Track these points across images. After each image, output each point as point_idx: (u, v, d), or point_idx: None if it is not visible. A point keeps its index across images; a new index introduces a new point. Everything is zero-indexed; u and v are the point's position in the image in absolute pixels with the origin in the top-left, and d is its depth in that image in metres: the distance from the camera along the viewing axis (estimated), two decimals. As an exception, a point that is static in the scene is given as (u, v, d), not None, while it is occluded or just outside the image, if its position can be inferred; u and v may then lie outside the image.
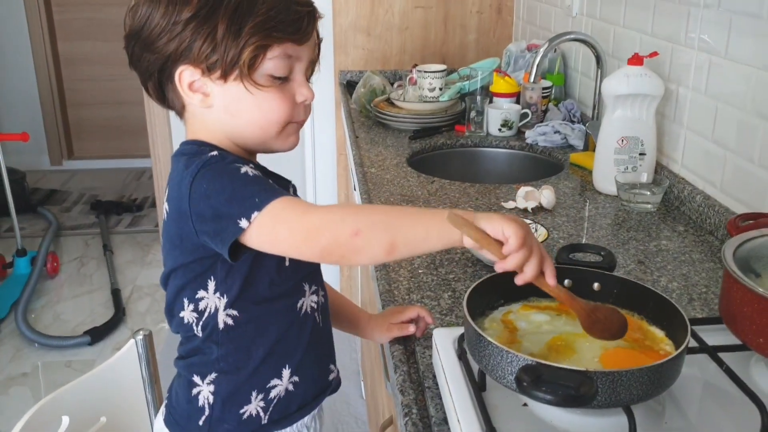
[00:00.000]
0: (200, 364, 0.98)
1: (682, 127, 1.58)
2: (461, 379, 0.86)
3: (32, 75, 4.94)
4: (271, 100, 0.91)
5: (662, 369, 0.74)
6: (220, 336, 0.95)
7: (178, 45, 0.88)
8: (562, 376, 0.70)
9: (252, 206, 0.82)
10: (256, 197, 0.82)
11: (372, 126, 2.27)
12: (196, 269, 0.92)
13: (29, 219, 4.25)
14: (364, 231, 0.79)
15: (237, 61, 0.87)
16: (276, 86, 0.91)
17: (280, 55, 0.89)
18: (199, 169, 0.86)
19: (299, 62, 0.93)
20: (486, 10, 2.78)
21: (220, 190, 0.84)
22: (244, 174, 0.86)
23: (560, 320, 0.91)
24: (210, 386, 0.97)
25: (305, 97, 0.94)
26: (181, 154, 0.93)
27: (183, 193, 0.87)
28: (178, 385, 1.02)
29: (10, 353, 2.95)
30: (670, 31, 1.61)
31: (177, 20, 0.87)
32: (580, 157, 1.87)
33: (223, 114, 0.92)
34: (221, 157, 0.88)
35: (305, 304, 1.00)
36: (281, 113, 0.92)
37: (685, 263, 1.30)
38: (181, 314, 0.96)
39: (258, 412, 0.99)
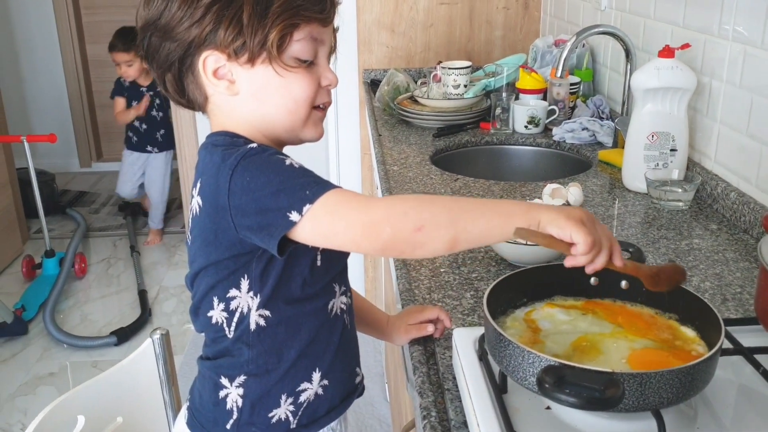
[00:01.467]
0: (229, 366, 0.95)
1: (715, 122, 1.53)
2: (481, 381, 0.83)
3: (61, 77, 5.00)
4: (299, 81, 0.89)
5: (694, 371, 0.69)
6: (251, 337, 0.92)
7: (201, 30, 0.85)
8: (587, 378, 0.66)
9: (303, 198, 0.79)
10: (307, 189, 0.79)
11: (395, 124, 2.24)
12: (230, 266, 0.88)
13: (58, 220, 4.30)
14: (427, 226, 0.76)
15: (264, 43, 0.85)
16: (303, 68, 0.89)
17: (306, 37, 0.88)
18: (239, 160, 0.82)
19: (323, 45, 0.91)
20: (512, 5, 2.73)
21: (266, 182, 0.80)
22: (290, 165, 0.82)
23: (586, 320, 0.87)
24: (239, 389, 0.94)
25: (330, 81, 0.93)
26: (213, 146, 0.88)
27: (221, 187, 0.82)
28: (202, 387, 0.99)
29: (38, 353, 2.97)
30: (702, 23, 1.55)
31: (198, 5, 0.84)
32: (608, 155, 1.81)
33: (250, 101, 0.89)
34: (262, 149, 0.85)
35: (335, 305, 0.97)
36: (309, 93, 0.90)
37: (719, 262, 1.25)
38: (210, 314, 0.93)
39: (287, 416, 0.96)
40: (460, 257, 1.28)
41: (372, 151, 2.19)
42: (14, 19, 4.87)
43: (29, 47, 4.93)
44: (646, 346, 0.80)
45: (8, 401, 2.67)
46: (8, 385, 2.76)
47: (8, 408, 2.63)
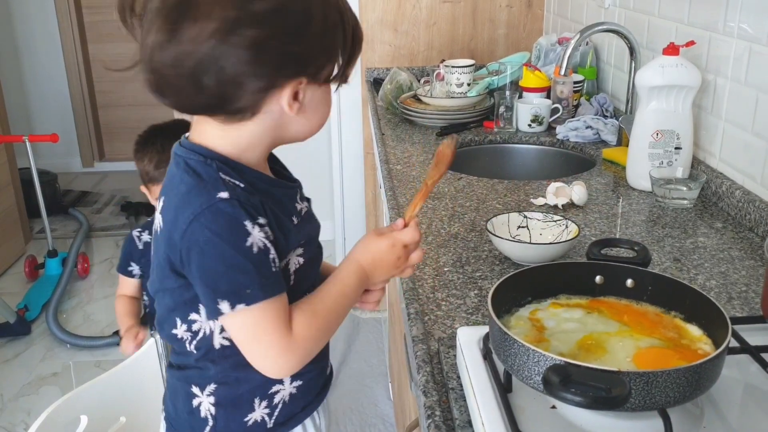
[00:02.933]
0: (197, 376, 0.94)
1: (720, 120, 1.52)
2: (486, 380, 0.82)
3: (63, 77, 5.00)
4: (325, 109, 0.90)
5: (701, 370, 0.69)
6: (216, 354, 0.90)
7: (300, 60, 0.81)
8: (593, 377, 0.66)
9: (237, 297, 0.79)
10: (248, 287, 0.79)
11: (398, 123, 2.24)
12: (184, 294, 0.86)
13: (60, 220, 4.29)
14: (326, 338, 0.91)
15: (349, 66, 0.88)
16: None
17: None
18: (202, 211, 0.78)
19: None
20: (516, 3, 2.73)
21: (217, 256, 0.78)
22: (248, 249, 0.78)
23: (591, 318, 0.86)
24: (210, 397, 0.94)
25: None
26: (185, 167, 0.83)
27: (179, 224, 0.80)
28: (175, 397, 0.98)
29: (41, 353, 2.97)
30: (707, 20, 1.54)
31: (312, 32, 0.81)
32: (613, 153, 1.81)
33: (302, 117, 0.85)
34: (231, 203, 0.79)
35: None
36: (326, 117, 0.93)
37: (724, 261, 1.24)
38: (173, 331, 0.91)
39: (263, 417, 0.96)
40: (464, 256, 1.27)
41: (375, 150, 2.18)
42: (16, 18, 4.87)
43: (31, 47, 4.93)
44: (651, 344, 0.79)
45: (12, 401, 2.67)
46: (11, 386, 2.76)
47: (11, 408, 2.63)
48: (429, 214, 1.47)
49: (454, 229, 1.39)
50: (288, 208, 0.89)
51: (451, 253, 1.28)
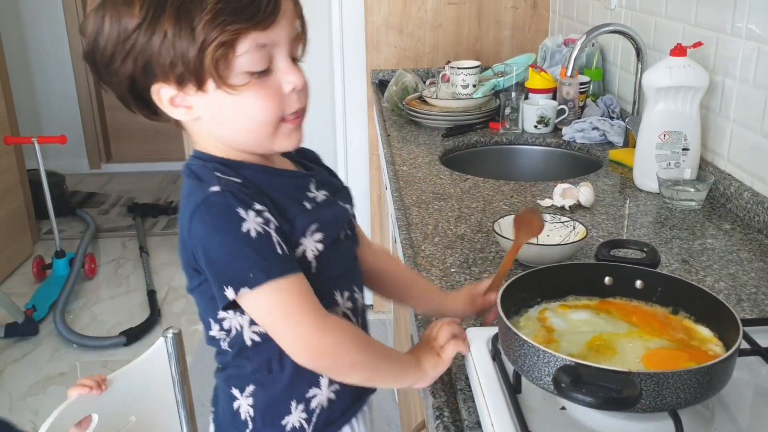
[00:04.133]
0: (237, 376, 0.94)
1: (728, 121, 1.52)
2: (495, 381, 0.82)
3: (71, 79, 5.02)
4: (253, 99, 0.82)
5: (712, 371, 0.69)
6: (250, 352, 0.91)
7: (135, 63, 0.80)
8: (604, 378, 0.66)
9: (243, 280, 0.79)
10: (251, 271, 0.79)
11: (404, 124, 2.24)
12: (208, 292, 0.86)
13: (68, 221, 4.31)
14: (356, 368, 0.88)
15: (202, 67, 0.78)
16: (257, 82, 0.81)
17: (250, 48, 0.79)
18: (197, 207, 0.80)
19: (278, 47, 0.82)
20: (521, 5, 2.73)
21: (218, 244, 0.79)
22: (245, 235, 0.79)
23: (600, 319, 0.86)
24: (248, 399, 0.94)
25: (293, 84, 0.84)
26: (189, 170, 0.86)
27: (185, 225, 0.82)
28: (222, 399, 0.99)
29: (48, 353, 2.98)
30: (715, 21, 1.54)
31: (124, 35, 0.78)
32: (619, 154, 1.81)
33: (212, 124, 0.85)
34: (222, 195, 0.80)
35: (338, 312, 0.94)
36: (267, 112, 0.83)
37: (733, 263, 1.24)
38: (210, 333, 0.93)
39: (301, 423, 0.94)
40: (471, 257, 1.27)
41: (381, 151, 2.18)
42: (24, 21, 4.89)
43: (39, 49, 4.95)
44: (661, 345, 0.79)
45: (19, 401, 2.68)
46: (19, 385, 2.77)
47: (19, 407, 2.64)
48: (435, 215, 1.47)
49: (461, 230, 1.39)
50: (294, 195, 0.89)
51: (458, 254, 1.29)
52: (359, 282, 1.00)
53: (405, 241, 1.35)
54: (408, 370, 0.91)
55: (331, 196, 0.95)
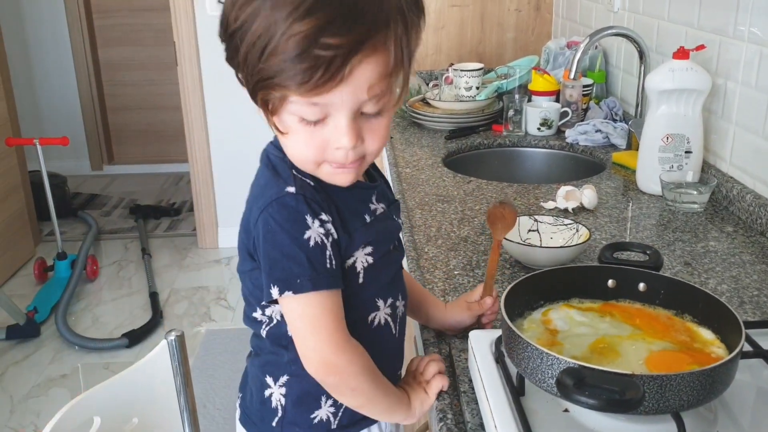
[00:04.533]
0: (274, 364, 0.96)
1: (730, 123, 1.52)
2: (498, 384, 0.82)
3: (73, 81, 5.02)
4: (296, 142, 0.82)
5: (715, 373, 0.69)
6: (289, 342, 0.92)
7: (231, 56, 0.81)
8: (607, 380, 0.66)
9: (290, 285, 0.83)
10: (299, 278, 0.82)
11: (407, 126, 2.24)
12: (258, 278, 0.88)
13: (70, 223, 4.31)
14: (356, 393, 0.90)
15: (254, 99, 0.80)
16: (305, 129, 0.80)
17: (301, 102, 0.77)
18: (271, 202, 0.83)
19: (335, 108, 0.78)
20: (524, 7, 2.73)
21: (278, 244, 0.82)
22: (305, 240, 0.82)
23: (603, 322, 0.86)
24: (281, 389, 0.96)
25: (340, 144, 0.80)
26: (266, 160, 0.89)
27: (254, 214, 0.85)
28: (253, 385, 1.00)
29: (50, 355, 2.98)
30: (717, 24, 1.54)
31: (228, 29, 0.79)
32: (622, 157, 1.81)
33: (283, 136, 0.86)
34: (296, 198, 0.83)
35: (378, 317, 0.95)
36: (306, 156, 0.83)
37: (735, 265, 1.24)
38: (253, 314, 0.95)
39: (329, 417, 0.96)
40: (474, 260, 1.27)
41: (384, 153, 2.19)
42: (27, 23, 4.90)
43: (42, 51, 4.96)
44: (664, 348, 0.79)
45: (21, 403, 2.68)
46: (21, 387, 2.77)
47: (21, 409, 2.64)
48: (438, 218, 1.47)
49: (464, 233, 1.39)
50: (358, 208, 0.90)
51: (461, 257, 1.29)
52: (403, 290, 1.00)
53: (408, 244, 1.35)
54: (400, 407, 0.94)
55: (387, 209, 0.95)
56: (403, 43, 0.77)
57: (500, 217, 1.06)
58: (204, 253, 3.93)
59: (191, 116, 3.71)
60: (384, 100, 0.80)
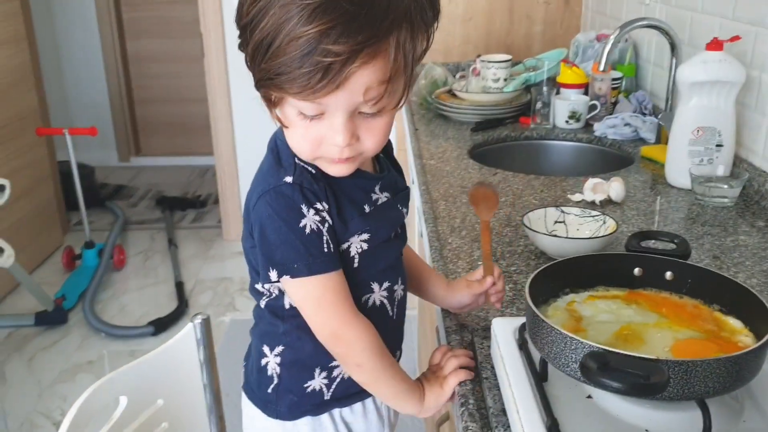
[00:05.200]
0: (271, 334, 1.00)
1: (764, 117, 1.49)
2: (521, 369, 0.82)
3: (102, 73, 5.08)
4: (294, 134, 0.85)
5: (742, 361, 0.68)
6: (285, 313, 0.97)
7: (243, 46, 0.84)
8: (631, 364, 0.65)
9: (288, 269, 0.87)
10: (296, 262, 0.86)
11: (432, 118, 2.23)
12: (258, 255, 0.92)
13: (98, 213, 4.36)
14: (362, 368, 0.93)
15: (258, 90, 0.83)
16: (303, 124, 0.82)
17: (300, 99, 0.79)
18: (268, 191, 0.86)
19: (331, 108, 0.80)
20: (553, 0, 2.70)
21: (275, 230, 0.86)
22: (301, 229, 0.85)
23: (629, 310, 0.85)
24: (277, 358, 1.00)
25: (335, 142, 0.82)
26: (272, 146, 0.93)
27: (252, 199, 0.89)
28: (253, 353, 1.05)
29: (77, 341, 3.02)
30: (753, 15, 1.51)
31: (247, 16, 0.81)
32: (651, 150, 1.78)
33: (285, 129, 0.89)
34: (293, 188, 0.86)
35: (372, 298, 0.98)
36: (303, 149, 0.85)
37: (766, 259, 1.22)
38: (256, 285, 0.98)
39: (321, 387, 1.00)
40: (499, 250, 1.26)
41: (408, 145, 2.18)
42: (57, 15, 4.96)
43: (71, 43, 5.02)
44: (690, 336, 0.78)
45: (49, 387, 2.72)
46: (49, 372, 2.81)
47: (48, 394, 2.68)
48: (463, 209, 1.47)
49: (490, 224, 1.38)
50: (357, 197, 0.92)
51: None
52: (401, 275, 1.03)
53: (432, 234, 1.35)
54: (409, 397, 0.96)
55: (392, 198, 0.97)
56: (405, 48, 0.78)
57: (482, 197, 1.08)
58: (228, 245, 3.95)
59: (217, 108, 3.73)
60: (382, 102, 0.80)
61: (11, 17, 3.50)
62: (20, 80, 3.58)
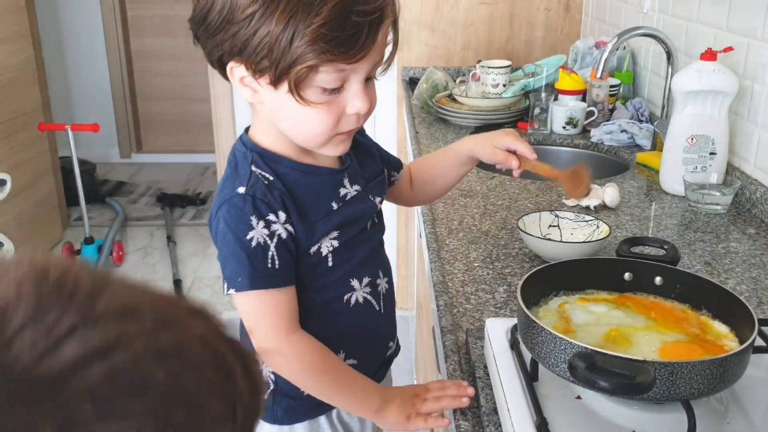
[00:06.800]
0: None
1: (756, 126, 1.52)
2: (513, 369, 0.84)
3: (105, 69, 5.10)
4: (316, 115, 0.86)
5: (726, 363, 0.70)
6: None
7: (233, 42, 0.83)
8: (618, 365, 0.67)
9: (233, 283, 0.89)
10: (240, 276, 0.88)
11: (433, 122, 2.26)
12: None
13: (98, 209, 4.38)
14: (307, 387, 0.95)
15: (286, 74, 0.82)
16: (325, 100, 0.85)
17: (330, 71, 0.82)
18: (224, 203, 0.88)
19: (355, 73, 0.85)
20: (554, 6, 2.73)
21: (227, 243, 0.88)
22: (248, 242, 0.87)
23: (618, 312, 0.87)
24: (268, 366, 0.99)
25: (357, 109, 0.87)
26: (231, 156, 0.94)
27: (212, 211, 0.92)
28: None
29: (75, 336, 3.04)
30: (746, 26, 1.54)
31: (234, 18, 0.82)
32: (647, 157, 1.81)
33: (272, 113, 0.90)
34: (244, 199, 0.87)
35: (355, 297, 0.99)
36: (325, 128, 0.87)
37: (756, 266, 1.24)
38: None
39: None
40: (495, 253, 1.29)
41: (409, 148, 2.20)
42: (62, 11, 4.98)
43: (75, 39, 5.04)
44: (678, 339, 0.81)
45: (46, 381, 2.74)
46: (46, 366, 2.83)
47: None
48: (461, 212, 1.49)
49: (486, 227, 1.41)
50: (322, 197, 0.93)
51: (482, 249, 1.30)
52: (383, 267, 1.03)
53: (430, 235, 1.37)
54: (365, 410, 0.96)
55: (362, 190, 0.98)
56: (397, 10, 0.87)
57: (575, 179, 1.13)
58: (228, 242, 3.97)
59: (219, 107, 3.75)
60: (386, 64, 0.89)
61: (16, 13, 3.52)
62: (24, 76, 3.60)
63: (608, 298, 0.90)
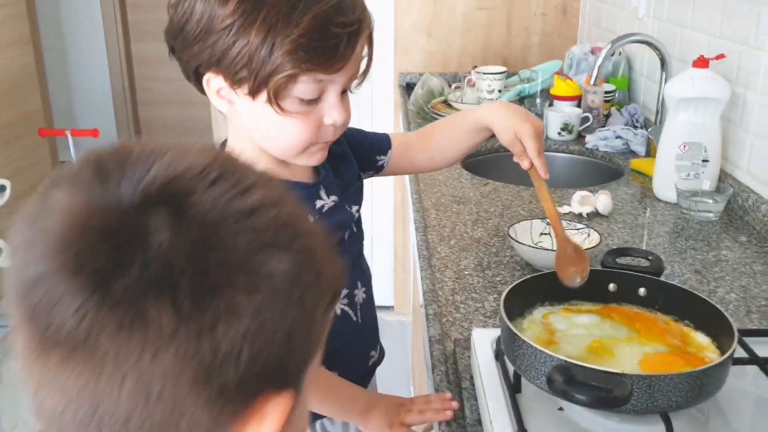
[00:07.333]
0: None
1: (748, 133, 1.52)
2: (497, 381, 0.84)
3: (106, 74, 5.12)
4: (294, 126, 0.87)
5: (704, 376, 0.70)
6: None
7: (211, 53, 0.84)
8: (596, 378, 0.68)
9: None
10: None
11: (429, 128, 2.26)
12: None
13: (99, 213, 4.39)
14: None
15: (265, 84, 0.82)
16: (303, 110, 0.86)
17: (309, 81, 0.84)
18: None
19: (333, 84, 0.87)
20: (551, 11, 2.73)
21: None
22: None
23: (602, 324, 0.88)
24: None
25: (334, 120, 0.88)
26: None
27: None
28: None
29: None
30: (739, 34, 1.54)
31: (212, 28, 0.82)
32: (641, 163, 1.81)
33: (248, 124, 0.90)
34: None
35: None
36: (303, 138, 0.88)
37: (746, 275, 1.25)
38: None
39: None
40: (486, 261, 1.29)
41: (405, 153, 2.21)
42: (63, 16, 5.00)
43: (76, 44, 5.06)
44: (659, 350, 0.81)
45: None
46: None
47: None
48: (453, 218, 1.49)
49: (477, 234, 1.41)
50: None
51: (473, 257, 1.31)
52: (361, 277, 1.04)
53: (421, 243, 1.37)
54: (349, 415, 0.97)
55: (340, 199, 0.98)
56: (372, 25, 0.90)
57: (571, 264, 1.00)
58: (228, 247, 3.97)
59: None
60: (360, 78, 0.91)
61: (17, 19, 3.53)
62: (24, 82, 3.62)
63: (593, 309, 0.90)
